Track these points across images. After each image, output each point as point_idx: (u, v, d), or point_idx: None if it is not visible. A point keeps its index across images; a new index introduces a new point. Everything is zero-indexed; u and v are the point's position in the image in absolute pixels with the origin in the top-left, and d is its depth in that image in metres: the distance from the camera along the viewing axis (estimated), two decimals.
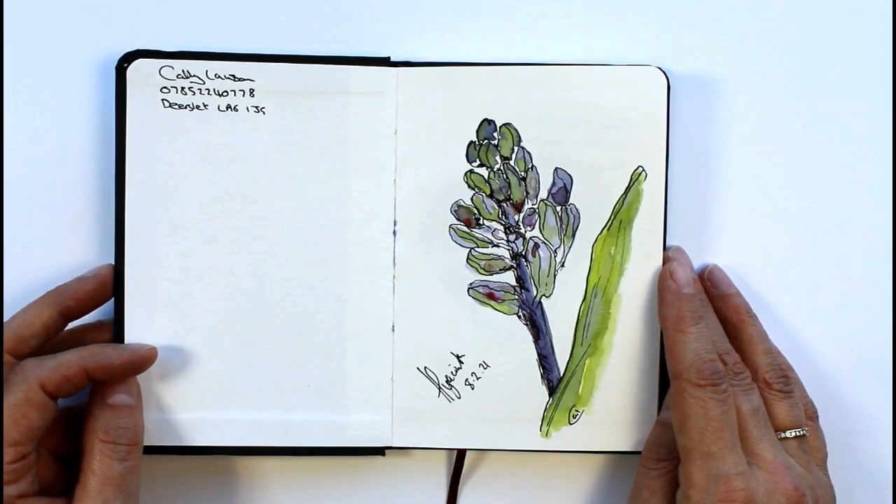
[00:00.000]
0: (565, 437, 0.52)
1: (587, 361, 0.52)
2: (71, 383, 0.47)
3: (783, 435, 0.48)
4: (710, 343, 0.48)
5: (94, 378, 0.48)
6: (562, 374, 0.52)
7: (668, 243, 0.51)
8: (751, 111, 0.53)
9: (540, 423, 0.52)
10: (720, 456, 0.45)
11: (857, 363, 0.53)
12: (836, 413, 0.49)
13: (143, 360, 0.49)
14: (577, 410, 0.52)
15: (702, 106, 0.53)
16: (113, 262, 0.51)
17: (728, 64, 0.53)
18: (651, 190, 0.51)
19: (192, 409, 0.51)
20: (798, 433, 0.48)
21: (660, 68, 0.51)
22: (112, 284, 0.51)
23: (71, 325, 0.50)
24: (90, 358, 0.47)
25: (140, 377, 0.50)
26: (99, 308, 0.51)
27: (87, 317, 0.51)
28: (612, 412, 0.52)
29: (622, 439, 0.52)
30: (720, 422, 0.46)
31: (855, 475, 0.46)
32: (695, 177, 0.53)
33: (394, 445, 0.52)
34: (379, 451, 0.52)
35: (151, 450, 0.50)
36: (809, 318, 0.53)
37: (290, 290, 0.51)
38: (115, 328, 0.51)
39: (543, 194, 0.51)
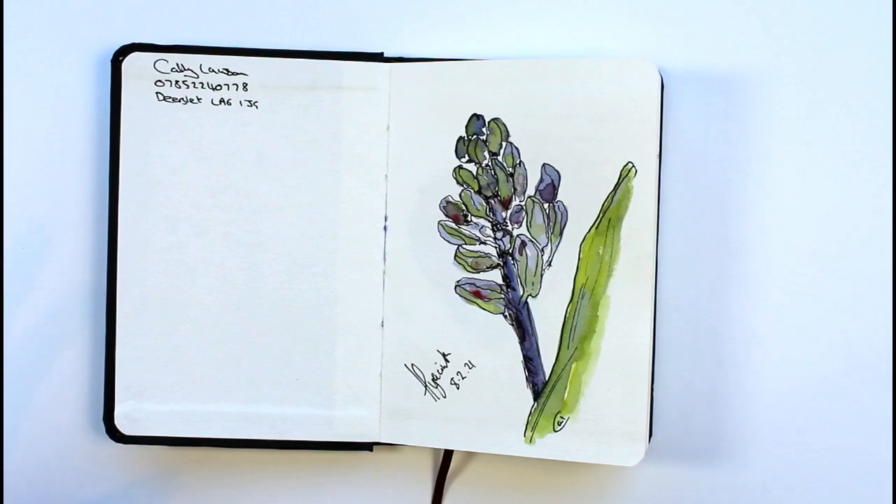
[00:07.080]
0: (550, 444, 0.50)
1: (573, 366, 0.49)
2: None
3: None
4: None
5: None
6: (547, 378, 0.50)
7: (659, 244, 0.49)
8: (747, 106, 0.51)
9: (524, 428, 0.50)
10: None
11: (857, 363, 0.51)
12: (836, 413, 0.47)
13: None
14: (562, 417, 0.50)
15: (697, 101, 0.51)
16: None
17: (724, 58, 0.51)
18: (641, 187, 0.49)
19: (180, 401, 0.52)
20: None
21: (652, 62, 0.49)
22: None
23: None
24: None
25: (130, 367, 0.51)
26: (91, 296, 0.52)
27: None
28: (599, 422, 0.49)
29: (609, 452, 0.49)
30: None
31: (855, 475, 0.45)
32: (688, 174, 0.51)
33: (381, 441, 0.51)
34: (366, 447, 0.51)
35: (139, 440, 0.52)
36: (807, 318, 0.51)
37: (280, 284, 0.52)
38: (107, 319, 0.52)
39: (531, 191, 0.50)
